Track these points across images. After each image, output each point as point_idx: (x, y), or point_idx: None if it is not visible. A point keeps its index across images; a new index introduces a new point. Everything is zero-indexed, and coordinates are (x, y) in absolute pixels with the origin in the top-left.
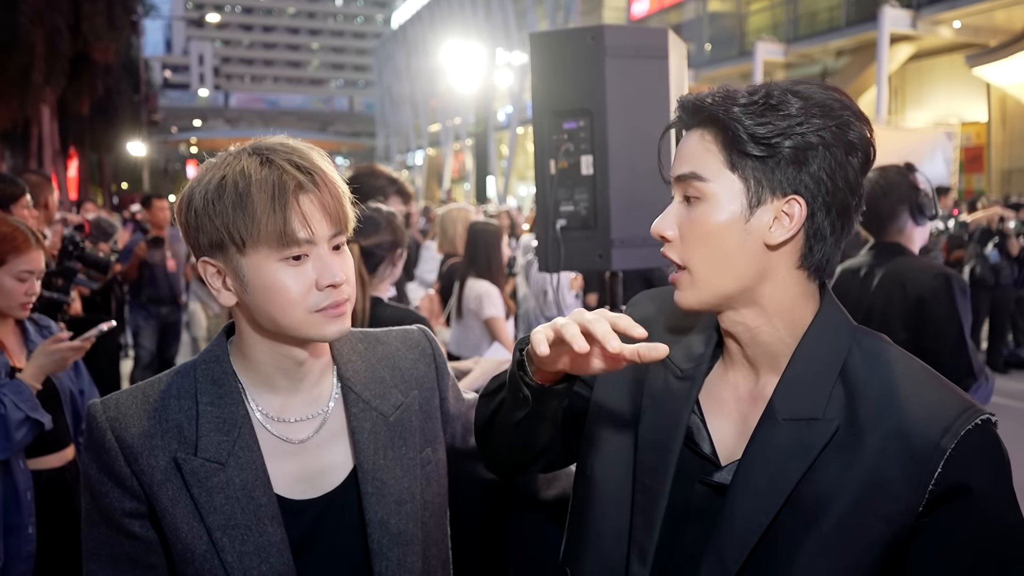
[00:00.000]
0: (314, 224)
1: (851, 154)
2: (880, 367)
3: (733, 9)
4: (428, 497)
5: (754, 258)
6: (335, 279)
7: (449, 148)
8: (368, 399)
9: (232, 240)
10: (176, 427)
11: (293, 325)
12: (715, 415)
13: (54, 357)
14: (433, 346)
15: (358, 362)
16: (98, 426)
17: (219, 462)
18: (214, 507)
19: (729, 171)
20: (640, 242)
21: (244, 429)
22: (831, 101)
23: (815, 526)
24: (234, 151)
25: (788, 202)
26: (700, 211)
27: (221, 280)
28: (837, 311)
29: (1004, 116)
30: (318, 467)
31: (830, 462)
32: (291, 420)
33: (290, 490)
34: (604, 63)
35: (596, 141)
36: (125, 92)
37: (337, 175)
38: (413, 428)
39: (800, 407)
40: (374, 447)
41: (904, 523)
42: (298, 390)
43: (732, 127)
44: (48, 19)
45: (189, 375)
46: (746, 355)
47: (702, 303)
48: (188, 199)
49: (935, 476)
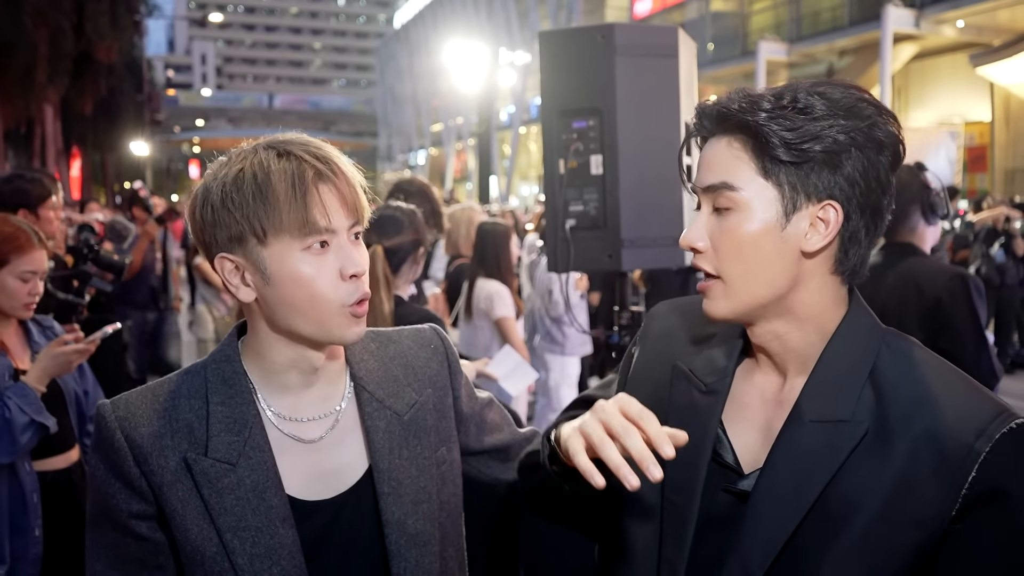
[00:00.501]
0: (333, 213)
1: (881, 153)
2: (911, 369)
3: (736, 8)
4: (444, 497)
5: (789, 265)
6: (357, 268)
7: (451, 148)
8: (382, 398)
9: (253, 232)
10: (186, 427)
11: (320, 319)
12: (738, 421)
13: (59, 360)
14: (446, 344)
15: (370, 361)
16: (107, 426)
17: (230, 462)
18: (224, 508)
19: (762, 178)
20: (650, 242)
21: (255, 429)
22: (856, 101)
23: (842, 531)
24: (248, 147)
25: (823, 207)
26: (733, 221)
27: (240, 276)
28: (866, 313)
29: (1008, 116)
30: (332, 467)
31: (858, 465)
32: (303, 419)
33: (303, 490)
34: (614, 62)
35: (606, 140)
36: (128, 92)
37: (352, 167)
38: (428, 427)
39: (828, 408)
40: (389, 446)
41: (935, 528)
42: (311, 389)
43: (763, 133)
44: (51, 19)
45: (199, 375)
46: (774, 361)
47: (735, 313)
48: (203, 195)
49: (969, 480)
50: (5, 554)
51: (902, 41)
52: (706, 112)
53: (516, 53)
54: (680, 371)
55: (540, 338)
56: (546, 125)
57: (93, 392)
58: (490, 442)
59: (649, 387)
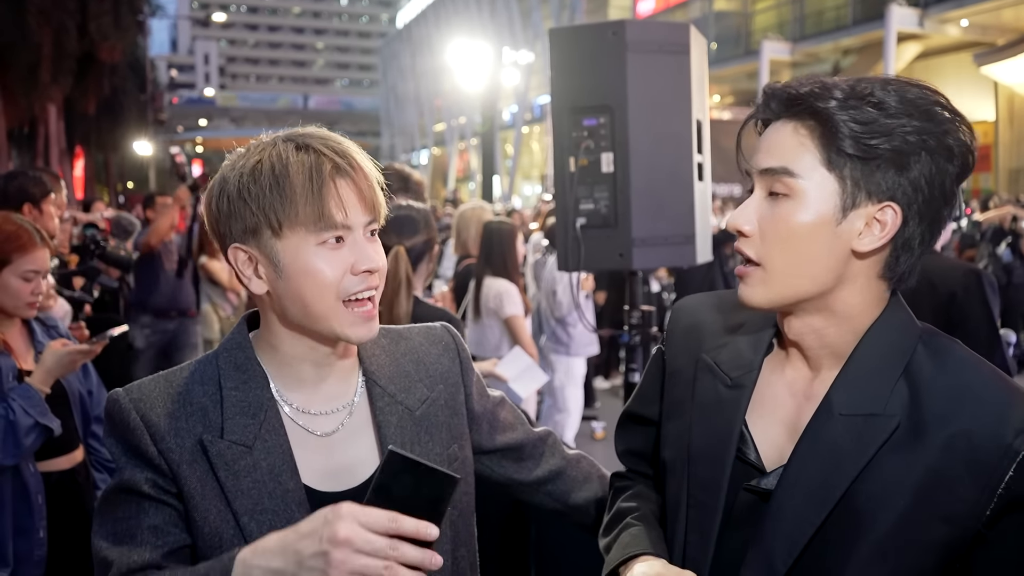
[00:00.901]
0: (350, 208)
1: (950, 161)
2: (948, 366)
3: (739, 8)
4: (456, 496)
5: (837, 263)
6: (372, 264)
7: (454, 147)
8: (393, 393)
9: (268, 224)
10: (200, 410)
11: (324, 314)
12: (763, 416)
13: (63, 360)
14: (457, 342)
15: (382, 356)
16: (121, 408)
17: (246, 445)
18: (241, 491)
19: (825, 169)
20: (662, 241)
21: (270, 413)
22: (932, 104)
23: (870, 528)
24: (266, 140)
25: (882, 208)
26: (787, 208)
27: (253, 267)
28: (903, 311)
29: (1012, 115)
30: (344, 462)
31: (888, 460)
32: (316, 413)
33: (317, 482)
34: (625, 58)
35: (617, 138)
36: (131, 91)
37: (370, 162)
38: (439, 423)
39: (859, 401)
40: (401, 441)
41: (967, 527)
42: (324, 383)
43: (833, 122)
44: (55, 18)
45: (211, 363)
46: (807, 356)
47: (771, 302)
48: (220, 185)
49: (1005, 479)
50: (9, 556)
51: (906, 40)
52: (775, 94)
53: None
54: (705, 364)
55: (546, 338)
56: (556, 122)
57: (97, 392)
58: (503, 441)
59: (680, 386)
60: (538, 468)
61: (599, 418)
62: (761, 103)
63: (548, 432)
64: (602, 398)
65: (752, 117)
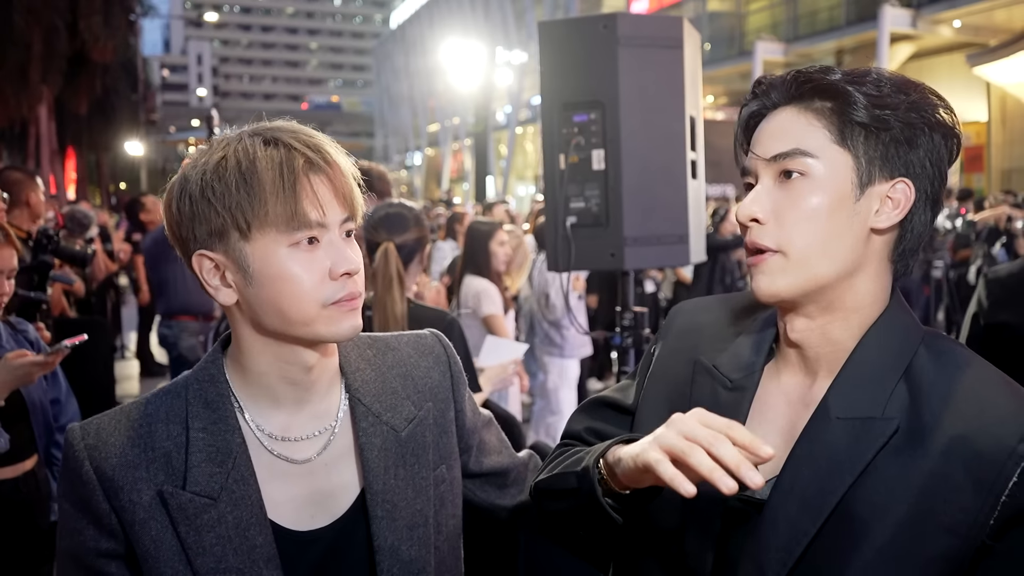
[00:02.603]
0: (326, 205)
1: (946, 140)
2: (950, 368)
3: (732, 8)
4: (441, 519)
5: (858, 242)
6: (350, 266)
7: (448, 148)
8: (379, 412)
9: (236, 225)
10: (163, 456)
11: (304, 320)
12: (759, 424)
13: (18, 373)
14: (448, 353)
15: (367, 371)
16: (75, 455)
17: (210, 497)
18: (203, 548)
19: (838, 145)
20: (654, 240)
21: (240, 459)
22: (915, 84)
23: (868, 537)
24: (232, 134)
25: (895, 185)
26: (804, 188)
27: (219, 275)
28: (905, 312)
29: (1004, 116)
30: (326, 489)
31: (887, 466)
32: (295, 438)
33: (296, 519)
34: (617, 53)
35: (608, 135)
36: (123, 92)
37: (345, 157)
38: (427, 444)
39: (857, 404)
40: (384, 465)
41: (970, 536)
42: (304, 403)
43: (846, 92)
44: (45, 17)
45: (180, 396)
46: (805, 357)
47: (789, 290)
48: (181, 185)
49: (1009, 486)
50: None
51: (899, 41)
52: (773, 83)
53: (513, 52)
54: (703, 366)
55: (538, 340)
56: (546, 119)
57: (66, 401)
58: (489, 465)
59: (668, 385)
60: (521, 494)
61: None
62: (759, 93)
63: (530, 455)
64: None
65: (751, 111)
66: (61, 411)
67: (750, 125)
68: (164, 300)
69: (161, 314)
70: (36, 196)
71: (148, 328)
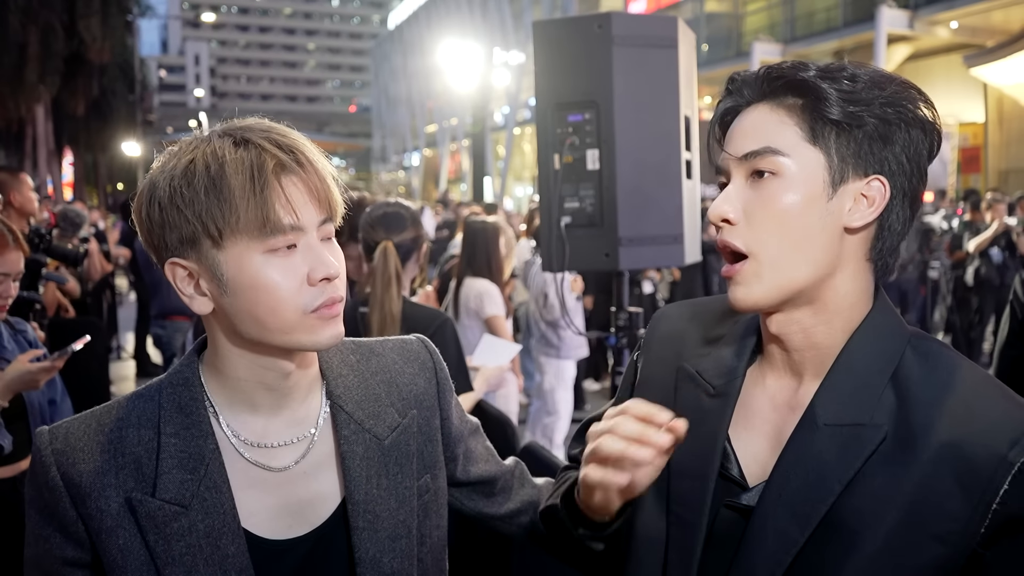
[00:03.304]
0: (300, 208)
1: (925, 135)
2: (938, 372)
3: (730, 9)
4: (425, 531)
5: (832, 242)
6: (329, 271)
7: (446, 149)
8: (361, 419)
9: (207, 232)
10: (133, 462)
11: (284, 329)
12: (745, 429)
13: (25, 378)
14: (434, 359)
15: (350, 376)
16: (41, 461)
17: (181, 504)
18: (172, 558)
19: (810, 144)
20: (649, 240)
21: (212, 466)
22: (892, 78)
23: (858, 546)
24: (201, 135)
25: (869, 183)
26: (775, 188)
27: (193, 284)
28: (891, 313)
29: (1001, 117)
30: (305, 498)
31: (875, 473)
32: (272, 445)
33: (272, 527)
34: (611, 53)
35: (603, 135)
36: (120, 92)
37: (322, 156)
38: (410, 452)
39: (844, 411)
40: (366, 475)
41: (961, 545)
42: (282, 409)
43: (819, 89)
44: (42, 18)
45: (153, 400)
46: (790, 360)
47: (767, 297)
48: (150, 191)
49: (1000, 494)
50: None
51: (896, 42)
52: (746, 80)
53: (511, 53)
54: (687, 373)
55: (535, 341)
56: (540, 119)
57: (61, 402)
58: (476, 473)
59: (656, 394)
60: (509, 501)
61: None
62: (733, 90)
63: (516, 462)
64: (592, 400)
65: (723, 108)
66: (57, 412)
67: (725, 122)
68: (158, 301)
69: (154, 315)
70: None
71: (144, 329)
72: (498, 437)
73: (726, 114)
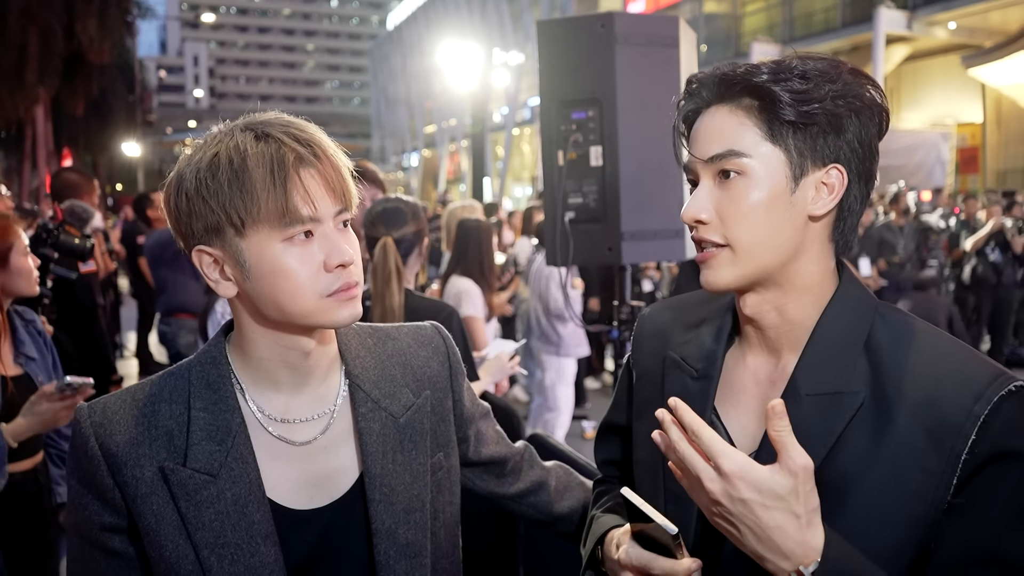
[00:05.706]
0: (317, 200)
1: (872, 119)
2: (906, 338)
3: (729, 10)
4: (439, 506)
5: (797, 231)
6: (344, 258)
7: (445, 149)
8: (377, 398)
9: (230, 222)
10: (166, 434)
11: (303, 312)
12: (732, 406)
13: (45, 417)
14: (447, 344)
15: (367, 358)
16: (81, 432)
17: (210, 474)
18: (202, 523)
19: (770, 143)
20: (651, 235)
21: (239, 438)
22: (843, 69)
23: (843, 506)
24: (225, 128)
25: (827, 172)
26: (741, 187)
27: (219, 269)
28: (857, 286)
29: (999, 117)
30: (325, 471)
31: (856, 437)
32: (295, 420)
33: (294, 498)
34: (614, 51)
35: (605, 131)
36: (120, 93)
37: (338, 149)
38: (424, 431)
39: (824, 381)
40: (382, 450)
41: (938, 499)
42: (304, 387)
43: (772, 94)
44: (41, 18)
45: (183, 377)
46: (766, 338)
47: (739, 280)
48: (178, 182)
49: (968, 444)
50: None
51: (894, 43)
52: (704, 82)
53: (510, 54)
54: (672, 360)
55: (535, 338)
56: (545, 116)
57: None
58: (487, 454)
59: (652, 388)
60: (519, 481)
61: (589, 417)
62: (692, 91)
63: (526, 445)
64: (593, 398)
65: (684, 109)
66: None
67: (688, 121)
68: (164, 298)
69: (161, 312)
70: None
71: (147, 328)
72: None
73: (689, 115)
